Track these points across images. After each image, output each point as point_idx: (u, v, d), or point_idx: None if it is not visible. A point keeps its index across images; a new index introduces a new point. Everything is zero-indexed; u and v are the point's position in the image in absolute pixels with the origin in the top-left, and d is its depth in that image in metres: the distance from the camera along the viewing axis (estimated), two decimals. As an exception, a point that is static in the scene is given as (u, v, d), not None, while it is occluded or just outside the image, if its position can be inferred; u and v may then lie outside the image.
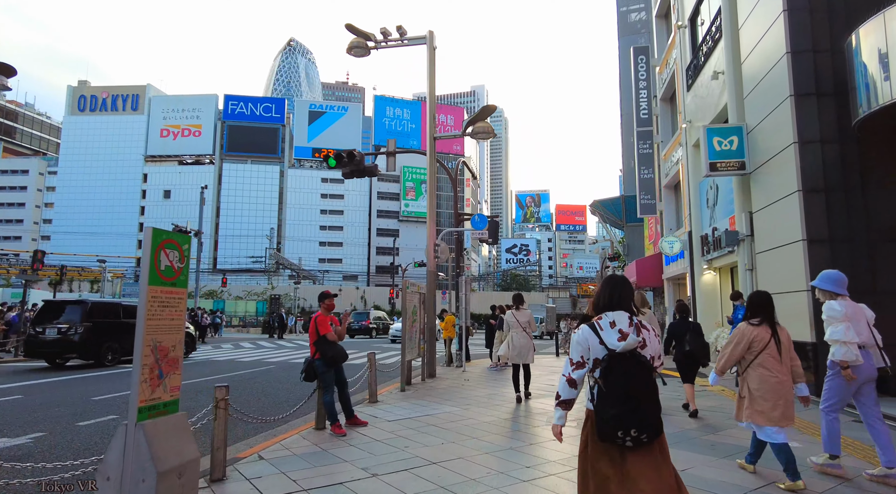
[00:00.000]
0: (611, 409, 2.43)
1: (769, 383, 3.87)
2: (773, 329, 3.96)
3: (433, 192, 11.51)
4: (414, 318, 9.99)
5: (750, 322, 4.04)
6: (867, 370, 4.12)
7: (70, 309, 13.49)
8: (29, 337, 13.23)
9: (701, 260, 13.38)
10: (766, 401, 3.87)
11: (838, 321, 4.11)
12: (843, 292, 4.26)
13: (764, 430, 3.94)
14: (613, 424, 2.41)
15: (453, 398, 8.37)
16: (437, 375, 11.21)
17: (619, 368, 2.47)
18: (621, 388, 2.44)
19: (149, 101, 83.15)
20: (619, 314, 2.62)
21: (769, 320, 4.00)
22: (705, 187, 13.19)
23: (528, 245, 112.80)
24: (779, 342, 3.92)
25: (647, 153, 17.21)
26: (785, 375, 3.89)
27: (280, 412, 6.33)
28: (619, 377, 2.46)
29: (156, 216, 78.40)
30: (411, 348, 9.75)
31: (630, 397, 2.43)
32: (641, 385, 2.46)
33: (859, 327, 4.14)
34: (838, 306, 4.15)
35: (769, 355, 3.89)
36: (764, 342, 3.91)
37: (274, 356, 16.82)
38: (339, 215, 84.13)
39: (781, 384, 3.86)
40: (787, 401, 3.87)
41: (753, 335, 3.97)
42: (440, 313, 14.85)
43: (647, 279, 17.47)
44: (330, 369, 6.13)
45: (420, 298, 10.38)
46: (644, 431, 2.41)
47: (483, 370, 12.48)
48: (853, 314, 4.16)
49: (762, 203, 9.36)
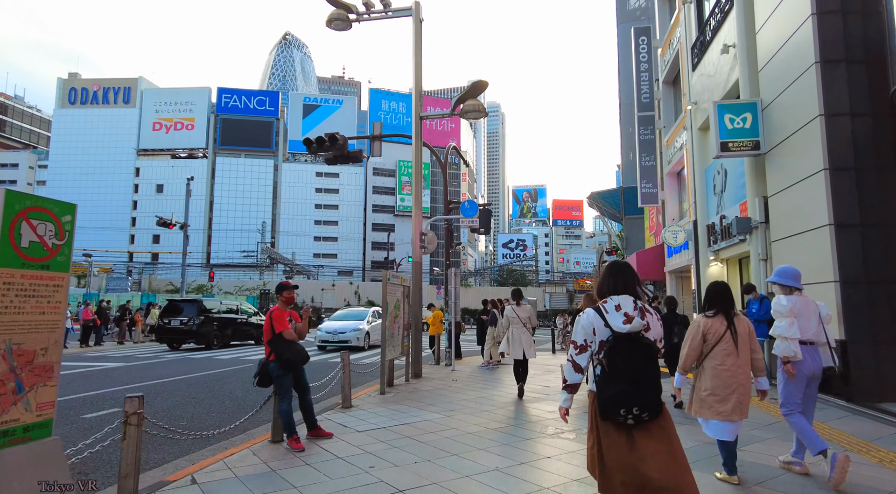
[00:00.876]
0: (613, 388, 2.50)
1: (721, 377, 3.76)
2: (729, 321, 3.84)
3: (419, 176, 10.60)
4: (396, 313, 9.10)
5: (705, 315, 3.96)
6: (809, 366, 4.08)
7: (187, 307, 17.62)
8: (159, 327, 17.89)
9: (707, 251, 12.51)
10: (715, 395, 3.76)
11: (783, 316, 4.10)
12: (799, 287, 4.23)
13: (709, 424, 3.86)
14: (616, 401, 2.48)
15: (438, 402, 7.48)
16: (422, 375, 10.33)
17: (624, 349, 2.54)
18: (625, 368, 2.51)
19: (141, 93, 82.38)
20: (624, 298, 2.68)
21: (725, 311, 3.88)
22: (712, 172, 12.32)
23: (525, 240, 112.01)
24: (735, 333, 3.80)
25: (648, 139, 16.30)
26: (740, 368, 3.76)
27: (242, 416, 5.45)
28: (623, 358, 2.52)
29: (148, 210, 77.82)
30: (393, 346, 8.86)
31: (634, 376, 2.49)
32: (644, 366, 2.52)
33: (807, 323, 4.13)
34: (784, 301, 4.13)
35: (723, 347, 3.78)
36: (718, 334, 3.80)
37: (255, 354, 15.93)
38: (334, 209, 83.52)
39: (734, 377, 3.74)
40: (740, 395, 3.74)
41: (706, 327, 3.87)
42: (427, 307, 13.98)
43: (649, 272, 16.61)
44: (287, 372, 5.24)
45: (404, 291, 9.48)
46: (645, 409, 2.48)
47: (474, 369, 11.60)
48: (801, 310, 4.12)
49: (779, 186, 8.48)
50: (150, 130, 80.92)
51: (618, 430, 2.58)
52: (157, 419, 4.79)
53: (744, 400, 3.77)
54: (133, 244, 78.76)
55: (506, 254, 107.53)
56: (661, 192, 16.06)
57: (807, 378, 4.13)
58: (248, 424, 5.80)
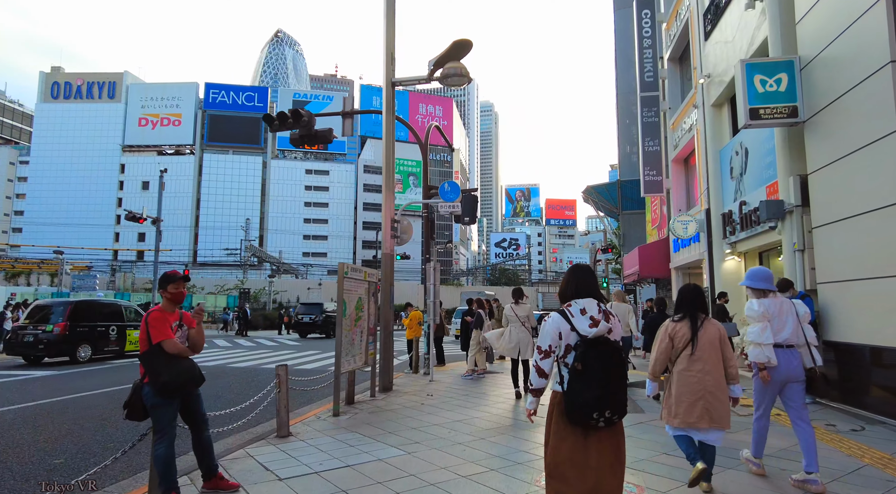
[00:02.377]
0: (588, 393, 2.52)
1: (687, 382, 3.63)
2: (694, 325, 3.71)
3: (390, 152, 9.00)
4: (359, 314, 7.49)
5: (672, 319, 3.87)
6: (784, 370, 3.95)
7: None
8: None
9: (722, 243, 11.00)
10: (681, 403, 3.63)
11: (755, 321, 4.03)
12: (770, 288, 4.13)
13: (675, 431, 3.76)
14: (591, 407, 2.51)
15: (402, 428, 5.88)
16: (393, 388, 8.72)
17: (595, 353, 2.58)
18: (599, 372, 2.56)
19: (126, 88, 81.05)
20: (588, 302, 2.73)
21: (692, 315, 3.75)
22: (728, 153, 10.80)
23: (518, 239, 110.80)
24: (699, 338, 3.66)
25: (652, 122, 14.79)
26: (708, 374, 3.59)
27: (104, 460, 3.83)
28: (596, 362, 2.57)
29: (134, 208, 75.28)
30: (353, 354, 7.25)
31: (607, 380, 2.55)
32: (615, 369, 2.60)
33: (783, 325, 4.00)
34: (755, 306, 4.05)
35: (689, 352, 3.66)
36: (686, 339, 3.69)
37: (215, 359, 14.27)
38: (324, 207, 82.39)
39: (701, 383, 3.60)
40: (708, 402, 3.56)
41: (673, 331, 3.78)
42: (405, 306, 12.37)
43: (652, 269, 15.10)
44: (167, 401, 3.63)
45: (369, 288, 7.87)
46: (616, 411, 2.57)
47: (455, 379, 10.01)
48: (775, 313, 4.01)
49: (825, 160, 6.96)
50: (135, 126, 79.82)
51: (575, 431, 2.62)
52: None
53: (713, 407, 3.56)
54: (118, 242, 77.09)
55: (498, 253, 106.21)
56: (666, 180, 14.55)
57: (780, 383, 4.00)
58: (113, 472, 4.20)
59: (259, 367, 12.56)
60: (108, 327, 14.06)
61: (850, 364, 6.48)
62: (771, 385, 3.98)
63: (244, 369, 12.19)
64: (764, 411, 4.09)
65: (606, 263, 41.36)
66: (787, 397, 4.03)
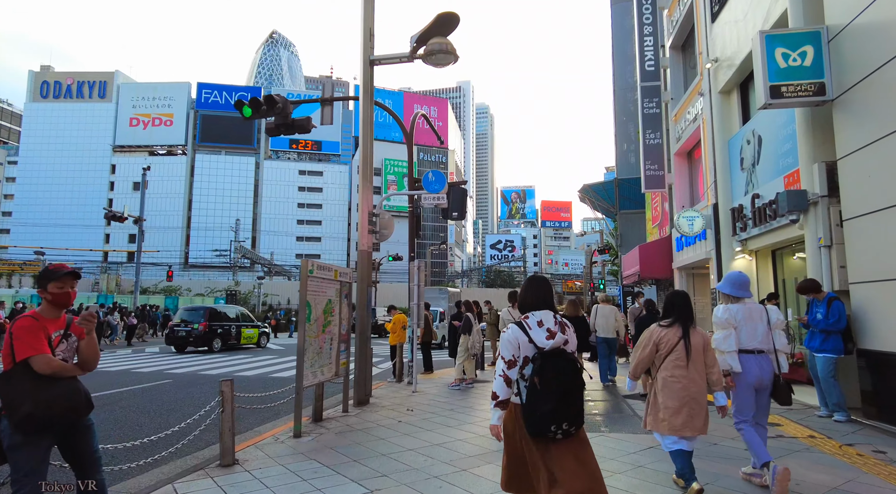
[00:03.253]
0: (545, 405, 2.54)
1: (672, 388, 3.62)
2: (686, 332, 3.67)
3: (368, 138, 8.11)
4: (329, 319, 6.58)
5: (660, 324, 3.83)
6: (755, 375, 3.92)
7: None
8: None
9: (731, 241, 10.15)
10: (667, 408, 3.62)
11: (719, 328, 4.02)
12: (743, 295, 4.06)
13: (664, 439, 3.72)
14: (548, 419, 2.54)
15: (370, 454, 4.97)
16: (372, 400, 7.82)
17: (551, 365, 2.61)
18: (556, 384, 2.58)
19: (117, 88, 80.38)
20: (545, 314, 2.78)
21: (682, 322, 3.71)
22: (738, 142, 9.95)
23: (513, 241, 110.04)
24: (688, 345, 3.63)
25: (653, 113, 13.95)
26: (693, 381, 3.60)
27: None
28: (553, 374, 2.59)
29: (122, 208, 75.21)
30: (320, 365, 6.34)
31: (564, 393, 2.58)
32: (571, 381, 2.63)
33: (752, 332, 3.97)
34: (720, 313, 4.05)
35: (675, 359, 3.64)
36: (671, 344, 3.67)
37: (189, 366, 13.32)
38: (318, 208, 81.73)
39: (686, 389, 3.59)
40: (692, 409, 3.57)
41: (660, 336, 3.74)
42: (388, 309, 11.46)
43: (654, 269, 14.25)
44: (31, 439, 2.71)
45: (341, 289, 6.96)
46: (573, 423, 2.60)
47: (442, 389, 9.10)
48: (744, 319, 3.98)
49: (858, 143, 6.11)
50: (126, 126, 79.17)
51: (537, 442, 2.62)
52: None
53: (696, 415, 3.58)
54: (108, 244, 76.08)
55: (494, 255, 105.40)
56: (668, 175, 13.71)
57: (753, 387, 3.97)
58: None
59: (233, 374, 11.62)
60: (230, 326, 18.84)
61: (892, 377, 5.61)
62: (743, 391, 3.96)
63: (217, 376, 11.25)
64: (743, 417, 3.99)
65: (603, 264, 40.52)
66: (757, 402, 4.04)
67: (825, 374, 6.14)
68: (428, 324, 11.96)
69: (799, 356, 8.61)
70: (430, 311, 12.37)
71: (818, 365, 6.28)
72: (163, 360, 15.07)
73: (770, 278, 9.81)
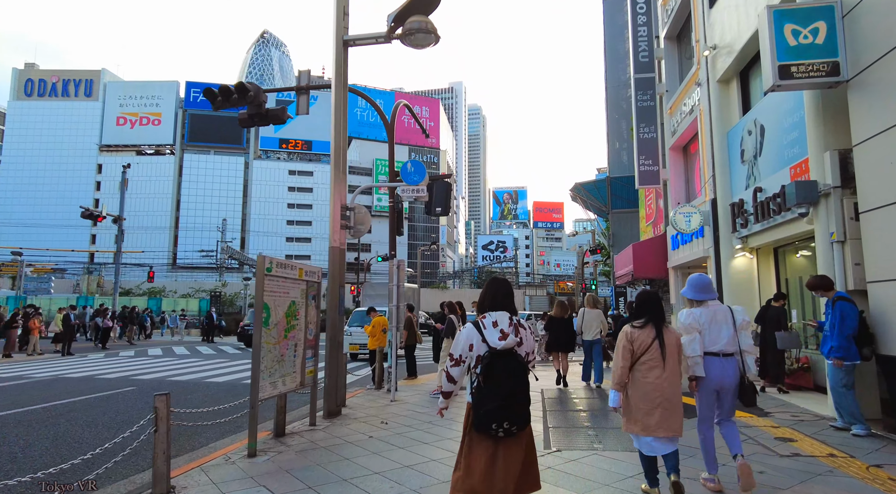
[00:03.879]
0: (489, 403, 2.68)
1: (644, 389, 3.59)
2: (659, 332, 3.64)
3: (342, 125, 7.45)
4: (292, 322, 5.91)
5: (633, 324, 3.75)
6: (717, 379, 3.90)
7: None
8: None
9: (731, 238, 9.59)
10: (639, 409, 3.59)
11: (683, 333, 3.94)
12: (705, 298, 4.04)
13: (639, 440, 3.67)
14: (491, 417, 2.67)
15: (329, 479, 4.31)
16: (345, 410, 7.15)
17: (500, 365, 2.74)
18: (501, 384, 2.70)
19: (104, 86, 79.29)
20: (500, 315, 2.89)
21: (655, 321, 3.68)
22: (739, 133, 9.39)
23: (505, 242, 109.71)
24: (663, 345, 3.60)
25: (647, 106, 13.39)
26: (666, 381, 3.56)
27: None
28: (499, 374, 2.73)
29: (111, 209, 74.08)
30: (282, 374, 5.67)
31: (508, 393, 2.70)
32: (518, 382, 2.76)
33: (717, 334, 3.92)
34: (682, 318, 4.02)
35: (649, 359, 3.60)
36: (645, 345, 3.62)
37: (158, 370, 12.57)
38: (308, 209, 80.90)
39: (658, 390, 3.54)
40: (665, 409, 3.53)
41: (632, 337, 3.67)
42: (367, 312, 10.80)
43: (648, 269, 13.69)
44: None
45: (307, 289, 6.29)
46: (516, 423, 2.71)
47: (423, 397, 8.45)
48: (709, 322, 3.93)
49: (876, 127, 5.53)
50: (113, 125, 78.16)
51: (486, 440, 2.76)
52: None
53: (671, 416, 3.53)
54: (94, 244, 74.79)
55: (485, 256, 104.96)
56: (663, 170, 13.16)
57: (715, 390, 3.95)
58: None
59: (203, 381, 10.90)
60: None
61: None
62: (704, 394, 3.97)
63: (185, 383, 10.52)
64: (706, 422, 4.02)
65: (595, 264, 40.01)
66: (721, 403, 4.03)
67: (835, 383, 5.59)
68: (412, 327, 11.31)
69: (804, 361, 8.05)
70: (413, 311, 11.72)
71: (828, 372, 5.74)
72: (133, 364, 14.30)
73: (772, 277, 9.26)
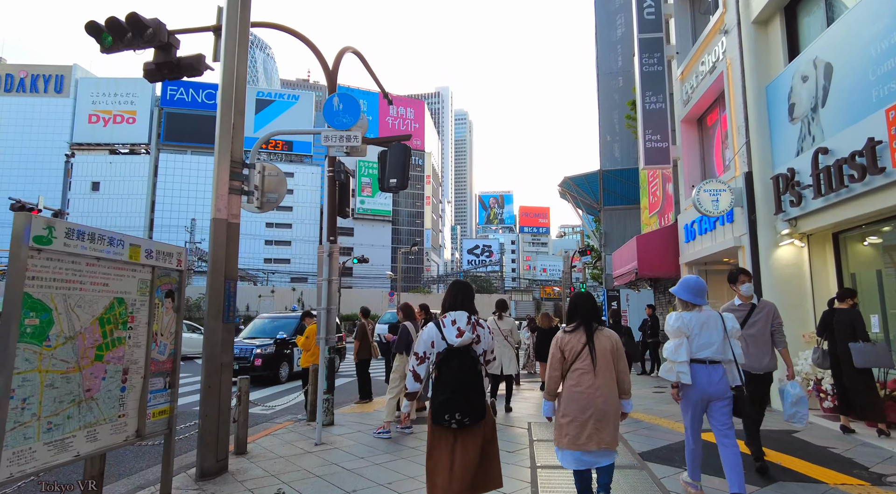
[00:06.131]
0: (441, 395, 2.86)
1: (576, 399, 3.26)
2: (589, 336, 3.36)
3: (235, 21, 5.09)
4: (115, 335, 3.52)
5: (564, 329, 3.53)
6: (704, 388, 3.70)
7: None
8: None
9: (774, 221, 7.39)
10: (572, 422, 3.24)
11: (671, 336, 3.83)
12: (698, 302, 3.85)
13: (563, 453, 3.33)
14: (442, 408, 2.83)
15: None
16: (234, 465, 4.75)
17: (454, 361, 2.92)
18: (452, 378, 2.87)
19: (75, 82, 76.58)
20: (459, 314, 3.08)
21: (586, 325, 3.40)
22: (784, 86, 7.21)
23: (491, 246, 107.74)
24: (593, 350, 3.31)
25: (654, 72, 11.20)
26: (599, 389, 3.24)
27: None
28: (452, 369, 2.90)
29: (83, 210, 72.44)
30: (89, 423, 3.26)
31: (459, 386, 2.86)
32: (469, 377, 2.92)
33: (707, 340, 3.74)
34: (671, 321, 3.84)
35: (580, 366, 3.31)
36: (575, 351, 3.35)
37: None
38: (288, 211, 78.69)
39: (590, 399, 3.24)
40: (598, 421, 3.20)
41: (563, 343, 3.42)
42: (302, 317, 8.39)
43: (655, 265, 11.46)
44: None
45: (152, 281, 3.90)
46: (467, 415, 2.84)
47: (364, 437, 6.06)
48: (698, 327, 3.76)
49: None
50: (85, 123, 75.41)
51: (445, 433, 2.92)
52: None
53: (603, 428, 3.21)
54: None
55: (471, 260, 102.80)
56: (673, 147, 10.99)
57: (700, 401, 3.76)
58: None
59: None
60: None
61: None
62: (690, 404, 3.78)
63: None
64: (691, 432, 3.87)
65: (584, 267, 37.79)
66: (711, 415, 3.79)
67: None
68: (366, 337, 8.94)
69: (892, 385, 5.81)
70: (369, 318, 9.34)
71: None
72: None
73: (830, 271, 7.06)
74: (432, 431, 2.98)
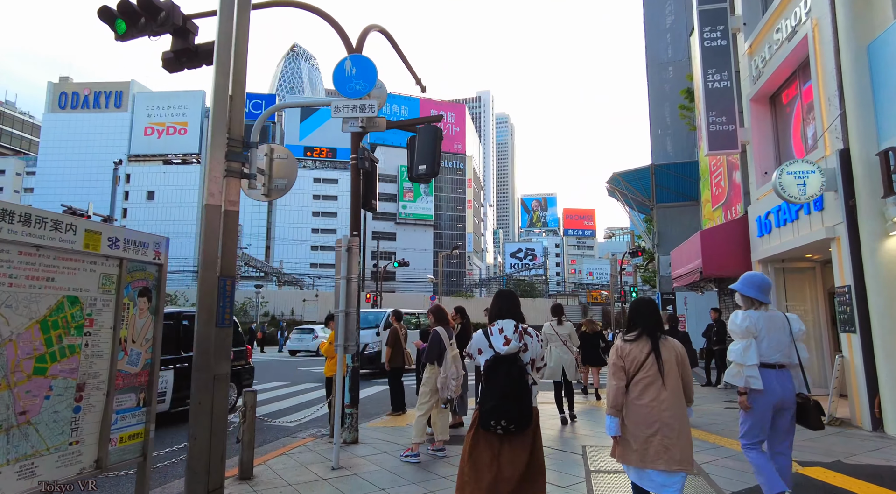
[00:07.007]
0: (489, 402, 2.89)
1: (639, 412, 2.99)
2: (655, 345, 3.07)
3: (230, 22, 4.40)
4: (65, 341, 2.83)
5: (624, 338, 3.22)
6: (777, 394, 3.36)
7: None
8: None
9: (881, 206, 6.13)
10: (636, 437, 2.99)
11: (737, 337, 3.51)
12: (764, 300, 3.56)
13: (638, 473, 3.04)
14: (489, 414, 2.85)
15: None
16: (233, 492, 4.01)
17: (501, 368, 2.94)
18: (499, 385, 2.89)
19: (133, 97, 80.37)
20: (506, 322, 3.09)
21: (650, 333, 3.11)
22: (892, 42, 5.96)
23: (534, 249, 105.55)
24: (660, 359, 3.02)
25: (717, 47, 9.92)
26: (666, 402, 2.94)
27: None
28: (499, 376, 2.92)
29: (139, 218, 75.78)
30: (23, 454, 2.56)
31: (504, 393, 2.86)
32: (513, 384, 2.90)
33: (775, 343, 3.44)
34: (738, 319, 3.52)
35: (644, 377, 3.02)
36: (637, 361, 3.06)
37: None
38: (333, 217, 79.87)
39: (655, 413, 2.94)
40: (666, 437, 2.91)
41: (624, 353, 3.13)
42: (326, 321, 7.67)
43: (723, 263, 10.16)
44: None
45: (120, 275, 3.20)
46: (512, 422, 2.84)
47: (391, 456, 5.23)
48: (765, 328, 3.45)
49: None
50: (141, 135, 79.06)
51: (489, 438, 2.93)
52: None
53: (673, 445, 2.88)
54: (123, 253, 75.05)
55: (514, 264, 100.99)
56: (741, 130, 9.69)
57: (773, 408, 3.42)
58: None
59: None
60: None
61: None
62: (759, 411, 3.41)
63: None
64: (751, 440, 3.48)
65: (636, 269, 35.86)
66: (774, 424, 3.50)
67: None
68: (398, 343, 8.16)
69: None
70: (402, 322, 8.55)
71: None
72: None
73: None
74: (475, 434, 2.97)
